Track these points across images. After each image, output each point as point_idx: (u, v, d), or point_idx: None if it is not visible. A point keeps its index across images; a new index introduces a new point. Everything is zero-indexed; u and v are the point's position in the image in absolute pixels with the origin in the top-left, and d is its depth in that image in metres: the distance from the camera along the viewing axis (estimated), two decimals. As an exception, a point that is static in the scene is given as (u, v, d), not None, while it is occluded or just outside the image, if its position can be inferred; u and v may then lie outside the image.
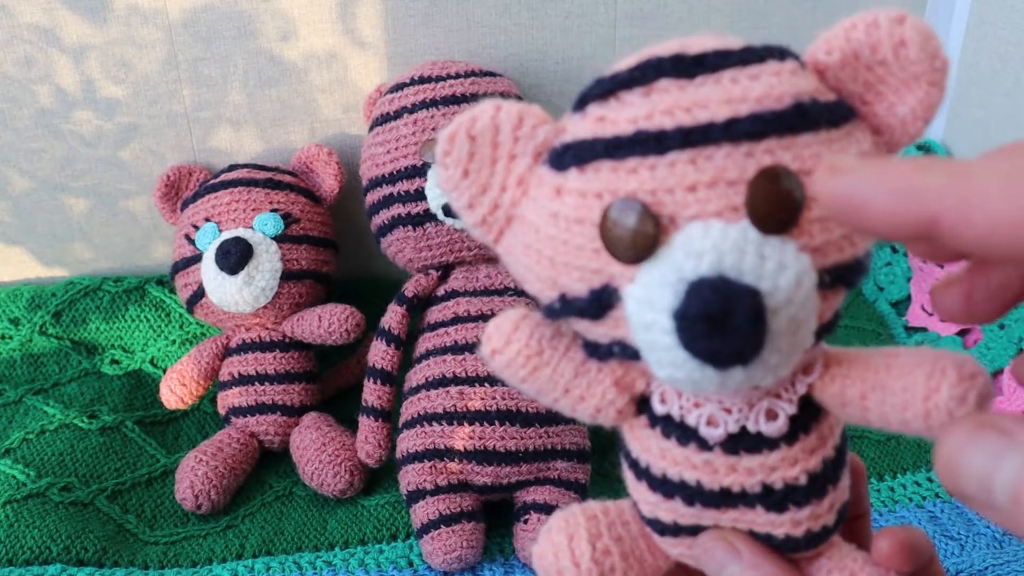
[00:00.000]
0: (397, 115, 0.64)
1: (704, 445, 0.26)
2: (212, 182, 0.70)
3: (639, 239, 0.23)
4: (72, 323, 0.75)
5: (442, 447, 0.57)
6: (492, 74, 0.67)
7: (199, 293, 0.67)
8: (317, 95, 0.75)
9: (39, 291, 0.76)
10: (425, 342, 0.62)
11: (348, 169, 0.73)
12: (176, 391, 0.68)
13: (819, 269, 0.23)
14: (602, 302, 0.24)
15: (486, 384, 0.58)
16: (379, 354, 0.62)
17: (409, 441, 0.59)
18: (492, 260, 0.64)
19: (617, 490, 0.50)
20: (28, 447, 0.64)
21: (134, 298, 0.76)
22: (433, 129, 0.63)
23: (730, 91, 0.23)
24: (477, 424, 0.57)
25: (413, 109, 0.64)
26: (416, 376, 0.61)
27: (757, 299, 0.22)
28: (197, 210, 0.68)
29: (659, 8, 0.75)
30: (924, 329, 0.74)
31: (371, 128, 0.67)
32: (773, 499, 0.26)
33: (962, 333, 0.72)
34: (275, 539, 0.60)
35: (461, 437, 0.57)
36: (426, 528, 0.56)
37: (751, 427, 0.26)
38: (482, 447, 0.57)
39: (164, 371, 0.71)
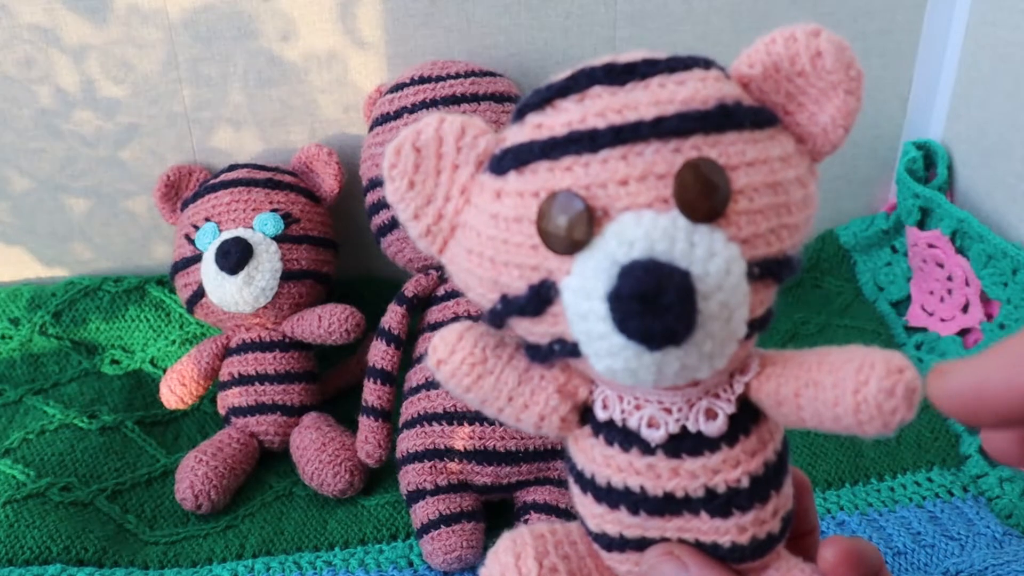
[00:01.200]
0: (397, 115, 0.64)
1: (646, 449, 0.27)
2: (212, 182, 0.70)
3: (573, 230, 0.24)
4: (72, 323, 0.75)
5: (442, 447, 0.57)
6: (492, 74, 0.67)
7: (199, 293, 0.67)
8: (317, 95, 0.75)
9: (39, 291, 0.76)
10: (425, 342, 0.62)
11: (348, 169, 0.73)
12: (176, 391, 0.68)
13: (748, 260, 0.24)
14: (541, 297, 0.25)
15: (486, 384, 0.58)
16: (379, 354, 0.62)
17: (409, 441, 0.59)
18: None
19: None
20: (28, 447, 0.64)
21: (134, 298, 0.76)
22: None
23: (658, 94, 0.24)
24: (477, 424, 0.57)
25: (413, 109, 0.64)
26: (416, 376, 0.61)
27: (687, 279, 0.23)
28: (197, 210, 0.68)
29: (659, 8, 0.75)
30: (924, 329, 0.74)
31: (371, 128, 0.67)
32: (716, 503, 0.27)
33: (962, 333, 0.72)
34: (275, 539, 0.60)
35: (461, 437, 0.57)
36: (426, 528, 0.56)
37: (691, 427, 0.26)
38: (482, 447, 0.57)
39: (164, 371, 0.71)
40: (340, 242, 0.73)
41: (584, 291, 0.24)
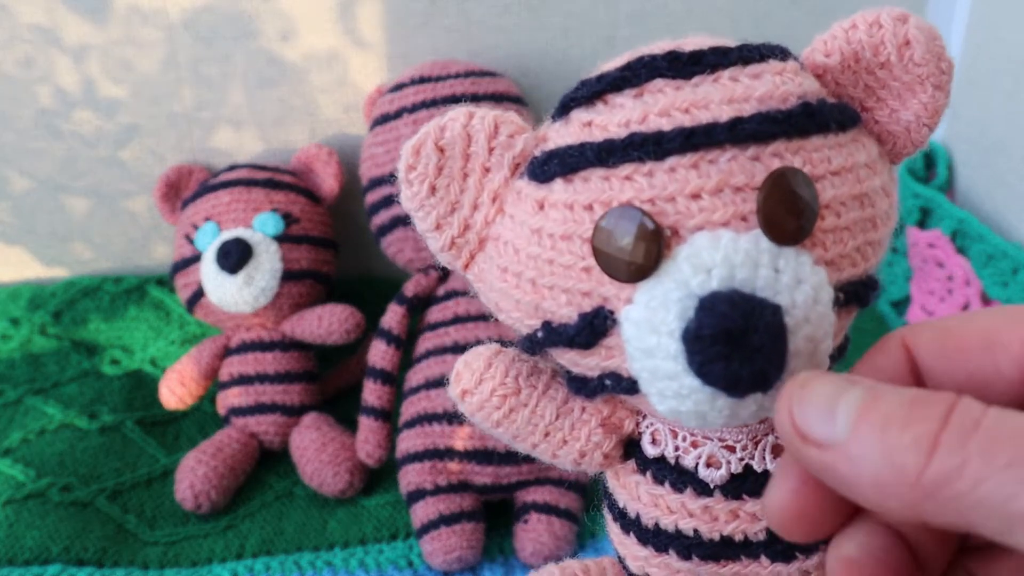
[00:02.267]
0: (397, 115, 0.64)
1: (702, 490, 0.24)
2: (212, 182, 0.70)
3: (638, 254, 0.20)
4: (72, 323, 0.75)
5: (442, 447, 0.57)
6: (492, 74, 0.67)
7: (199, 293, 0.67)
8: (317, 95, 0.75)
9: (39, 291, 0.76)
10: (425, 342, 0.62)
11: (348, 169, 0.73)
12: (176, 391, 0.68)
13: (833, 285, 0.21)
14: (595, 328, 0.22)
15: (486, 384, 0.58)
16: (379, 354, 0.62)
17: (409, 441, 0.59)
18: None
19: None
20: (28, 447, 0.64)
21: (134, 298, 0.76)
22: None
23: (731, 90, 0.21)
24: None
25: (413, 109, 0.64)
26: (416, 376, 0.61)
27: (778, 315, 0.20)
28: (197, 210, 0.68)
29: (659, 8, 0.75)
30: (924, 329, 0.74)
31: (371, 128, 0.67)
32: (779, 547, 0.24)
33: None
34: (275, 539, 0.60)
35: (461, 437, 0.57)
36: (426, 528, 0.56)
37: (756, 466, 0.24)
38: (482, 447, 0.57)
39: (164, 371, 0.71)
40: (340, 242, 0.73)
41: (651, 325, 0.20)
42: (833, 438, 0.18)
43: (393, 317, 0.63)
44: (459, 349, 0.59)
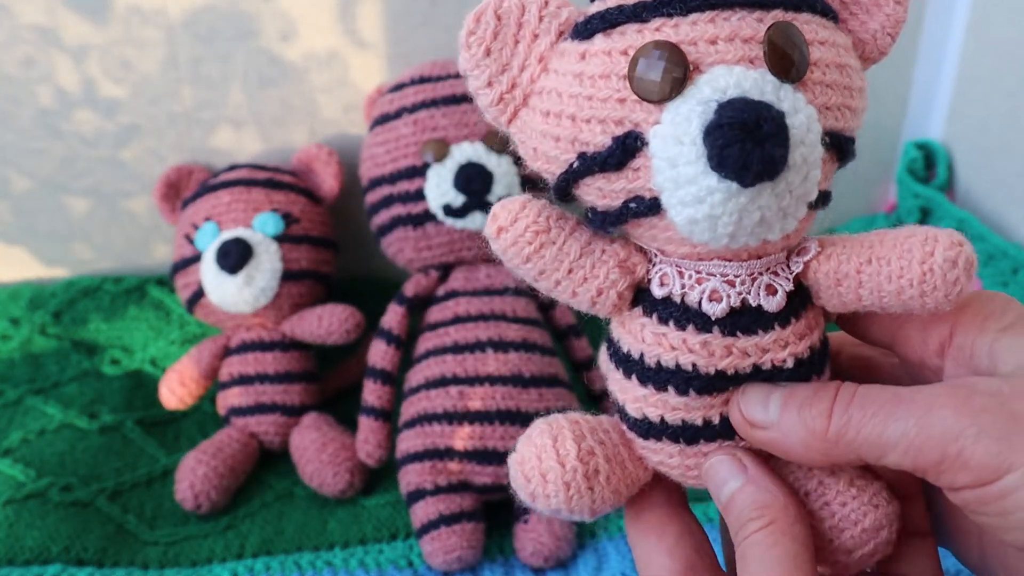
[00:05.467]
0: (397, 115, 0.64)
1: (702, 326, 0.27)
2: (212, 182, 0.70)
3: (668, 75, 0.25)
4: (72, 323, 0.75)
5: (442, 447, 0.57)
6: (492, 74, 0.67)
7: (199, 293, 0.67)
8: (317, 95, 0.75)
9: (39, 291, 0.76)
10: (425, 342, 0.62)
11: (348, 169, 0.73)
12: (176, 391, 0.68)
13: (821, 129, 0.26)
14: (626, 148, 0.25)
15: (486, 384, 0.58)
16: (379, 354, 0.62)
17: (409, 441, 0.59)
18: (492, 260, 0.64)
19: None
20: (28, 447, 0.64)
21: (134, 298, 0.76)
22: (433, 129, 0.63)
23: None
24: (477, 424, 0.57)
25: (413, 109, 0.64)
26: (416, 376, 0.61)
27: (783, 116, 0.24)
28: (197, 210, 0.68)
29: (659, 8, 0.75)
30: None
31: (371, 128, 0.67)
32: (760, 378, 0.28)
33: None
34: (275, 539, 0.60)
35: (461, 437, 0.57)
36: (426, 528, 0.56)
37: (752, 300, 0.27)
38: (482, 447, 0.57)
39: (164, 371, 0.71)
40: (340, 242, 0.73)
41: (675, 136, 0.24)
42: (769, 421, 0.27)
43: (393, 317, 0.63)
44: (459, 349, 0.59)
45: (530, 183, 0.62)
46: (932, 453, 0.24)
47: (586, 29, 0.26)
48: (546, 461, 0.28)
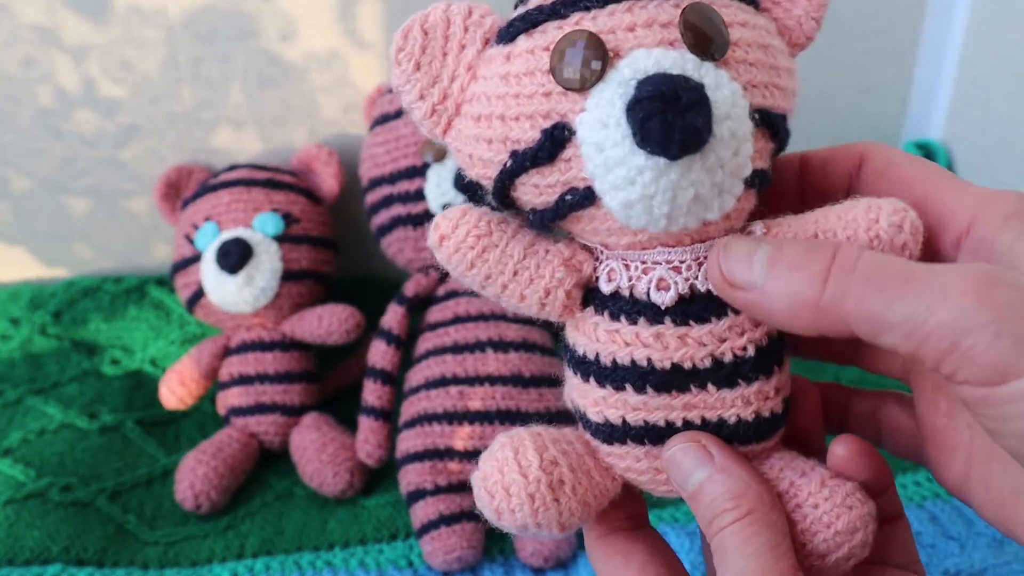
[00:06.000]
0: (397, 115, 0.64)
1: (654, 318, 0.27)
2: (212, 182, 0.70)
3: (588, 61, 0.25)
4: (72, 323, 0.75)
5: (442, 447, 0.57)
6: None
7: (199, 293, 0.67)
8: (317, 95, 0.75)
9: (39, 291, 0.76)
10: (425, 342, 0.62)
11: (348, 169, 0.73)
12: (176, 391, 0.68)
13: (748, 105, 0.26)
14: (555, 139, 0.25)
15: (486, 384, 0.58)
16: (379, 354, 0.62)
17: (409, 441, 0.59)
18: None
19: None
20: (28, 447, 0.64)
21: (134, 298, 0.76)
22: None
23: None
24: (477, 424, 0.57)
25: (413, 109, 0.64)
26: (416, 376, 0.61)
27: (702, 88, 0.24)
28: (197, 210, 0.68)
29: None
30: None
31: (371, 128, 0.67)
32: (723, 373, 0.27)
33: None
34: (275, 539, 0.60)
35: (461, 437, 0.57)
36: (426, 528, 0.56)
37: (700, 285, 0.27)
38: (482, 447, 0.56)
39: (164, 371, 0.71)
40: (340, 242, 0.73)
41: (600, 120, 0.25)
42: (752, 282, 0.25)
43: (393, 317, 0.63)
44: (459, 349, 0.59)
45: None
46: (940, 342, 0.22)
47: (509, 33, 0.27)
48: (508, 474, 0.27)
